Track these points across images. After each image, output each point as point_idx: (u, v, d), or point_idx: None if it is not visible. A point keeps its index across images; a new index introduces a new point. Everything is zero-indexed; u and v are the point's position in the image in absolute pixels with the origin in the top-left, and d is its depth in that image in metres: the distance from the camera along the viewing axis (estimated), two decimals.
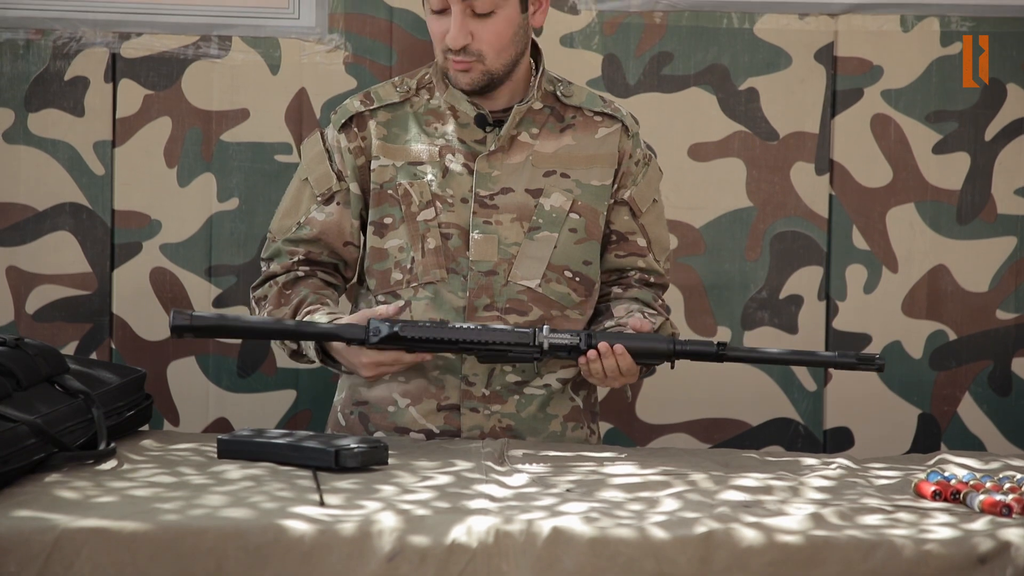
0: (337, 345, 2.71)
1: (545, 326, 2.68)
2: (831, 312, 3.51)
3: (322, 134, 2.89)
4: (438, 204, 2.80)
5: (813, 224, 3.49)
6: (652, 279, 2.91)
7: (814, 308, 3.51)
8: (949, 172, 3.49)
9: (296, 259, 2.85)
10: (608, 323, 2.80)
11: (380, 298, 2.83)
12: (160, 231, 3.46)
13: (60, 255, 3.45)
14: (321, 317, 2.73)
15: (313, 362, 2.80)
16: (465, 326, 2.66)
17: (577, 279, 2.84)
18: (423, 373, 2.81)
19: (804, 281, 3.50)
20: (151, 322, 3.47)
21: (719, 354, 2.65)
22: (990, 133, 3.49)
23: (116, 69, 3.44)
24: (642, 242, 2.90)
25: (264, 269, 2.89)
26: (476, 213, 2.80)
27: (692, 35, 3.47)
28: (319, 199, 2.85)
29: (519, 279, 2.81)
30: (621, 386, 2.73)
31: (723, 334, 3.49)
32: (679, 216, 3.46)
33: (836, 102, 3.49)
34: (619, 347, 2.64)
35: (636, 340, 2.66)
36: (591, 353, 2.65)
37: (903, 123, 3.49)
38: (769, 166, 3.49)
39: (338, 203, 2.85)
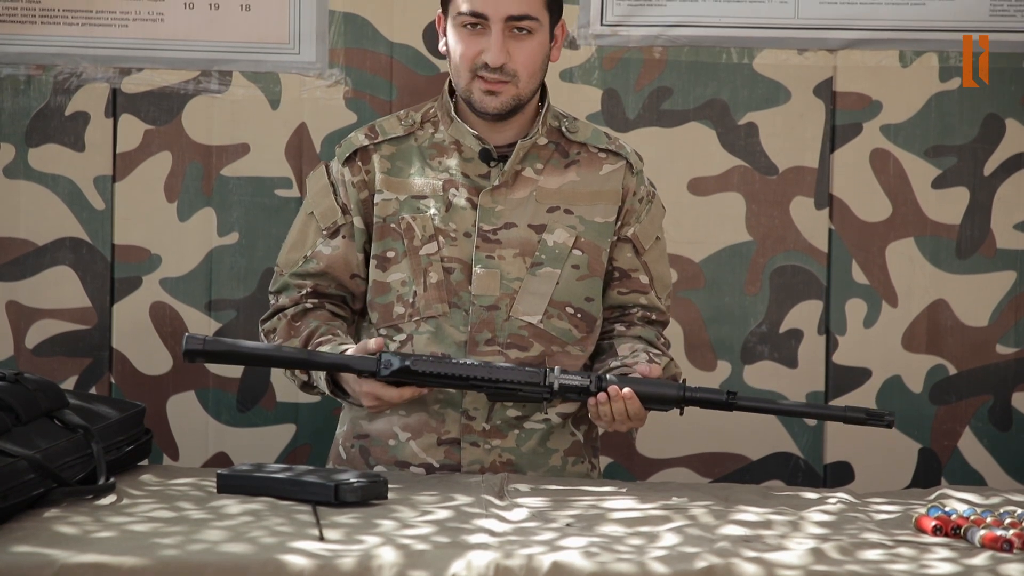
0: (346, 374, 2.72)
1: (556, 367, 2.68)
2: (831, 346, 3.51)
3: (327, 167, 2.89)
4: (440, 238, 2.80)
5: (813, 258, 3.50)
6: (654, 316, 2.90)
7: (814, 342, 3.51)
8: (948, 207, 3.50)
9: (304, 292, 2.85)
10: (613, 362, 2.79)
11: (382, 331, 2.83)
12: (160, 265, 3.46)
13: (60, 290, 3.45)
14: (332, 348, 2.72)
15: (323, 393, 2.80)
16: (476, 363, 2.66)
17: (579, 315, 2.84)
18: (424, 407, 2.81)
19: (804, 315, 3.51)
20: (151, 357, 3.47)
21: (729, 403, 2.64)
22: (989, 168, 3.49)
23: (117, 104, 3.45)
24: (644, 279, 2.89)
25: (273, 302, 2.89)
26: (479, 248, 2.80)
27: (691, 70, 3.48)
28: (325, 233, 2.85)
29: (521, 314, 2.80)
30: (627, 430, 2.73)
31: (723, 368, 3.50)
32: (679, 250, 3.46)
33: (835, 137, 3.49)
34: (628, 391, 2.64)
35: (646, 385, 2.66)
36: (600, 396, 2.64)
37: (902, 158, 3.49)
38: (769, 200, 3.50)
39: (343, 236, 2.85)
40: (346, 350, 2.71)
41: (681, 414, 2.69)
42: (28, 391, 2.49)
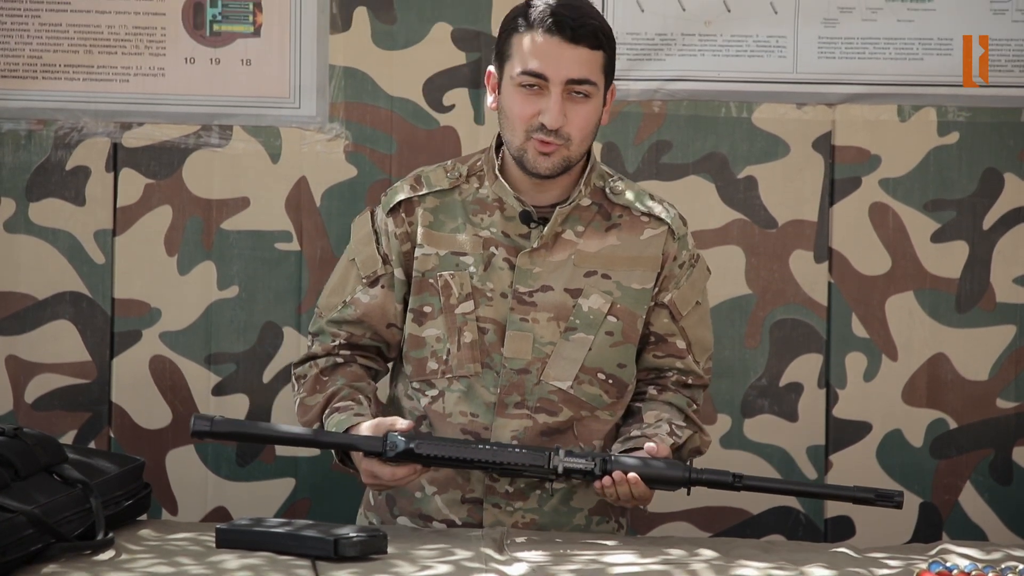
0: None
1: (561, 449, 2.66)
2: (831, 400, 3.50)
3: (372, 214, 2.88)
4: (477, 298, 2.79)
5: (812, 312, 3.50)
6: (690, 380, 2.86)
7: (814, 396, 3.50)
8: (948, 260, 3.50)
9: (338, 342, 2.85)
10: (634, 430, 2.77)
11: (415, 384, 2.81)
12: (160, 319, 3.46)
13: (60, 344, 3.45)
14: (346, 419, 2.71)
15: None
16: (481, 446, 2.65)
17: (610, 381, 2.81)
18: None
19: (804, 369, 3.50)
20: (150, 411, 3.46)
21: (735, 485, 2.63)
22: (988, 222, 3.50)
23: (117, 158, 3.45)
24: (682, 344, 2.86)
25: (308, 344, 2.89)
26: (513, 309, 2.78)
27: (691, 124, 3.49)
28: (364, 281, 2.84)
29: (551, 379, 2.78)
30: (633, 507, 2.72)
31: (723, 422, 3.49)
32: None
33: (834, 190, 3.50)
34: (633, 476, 2.61)
35: (651, 467, 2.63)
36: (606, 480, 2.62)
37: (901, 212, 3.50)
38: (768, 254, 3.50)
39: (382, 286, 2.84)
40: (359, 424, 2.70)
41: (688, 494, 2.68)
42: (27, 446, 2.48)
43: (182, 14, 3.44)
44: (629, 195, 2.85)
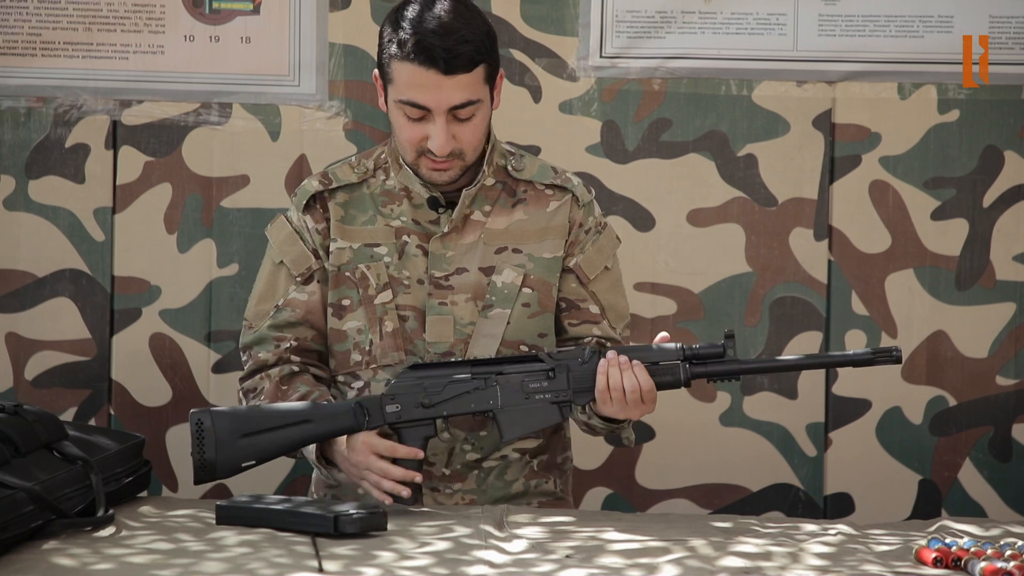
0: (340, 449, 2.68)
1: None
2: (831, 377, 3.50)
3: (286, 217, 2.86)
4: (395, 286, 2.80)
5: (812, 289, 3.50)
6: (609, 346, 2.87)
7: (814, 373, 3.50)
8: (948, 238, 3.50)
9: (286, 345, 2.82)
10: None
11: (340, 378, 2.80)
12: (160, 297, 3.46)
13: (60, 321, 3.45)
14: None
15: (307, 459, 2.77)
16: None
17: (533, 352, 2.82)
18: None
19: (803, 346, 3.50)
20: (150, 388, 3.46)
21: (726, 358, 2.58)
22: (988, 199, 3.50)
23: (117, 136, 3.45)
24: (595, 309, 2.86)
25: (246, 358, 2.85)
26: (431, 295, 2.79)
27: (691, 102, 3.48)
28: (298, 279, 2.82)
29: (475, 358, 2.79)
30: (640, 414, 2.66)
31: (723, 399, 3.49)
32: (678, 281, 3.47)
33: (834, 168, 3.50)
34: (636, 361, 2.60)
35: (644, 350, 2.62)
36: (610, 356, 2.60)
37: (901, 189, 3.50)
38: (768, 232, 3.50)
39: (318, 281, 2.82)
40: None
41: (689, 385, 2.63)
42: (27, 423, 2.49)
43: None
44: (532, 170, 2.86)
